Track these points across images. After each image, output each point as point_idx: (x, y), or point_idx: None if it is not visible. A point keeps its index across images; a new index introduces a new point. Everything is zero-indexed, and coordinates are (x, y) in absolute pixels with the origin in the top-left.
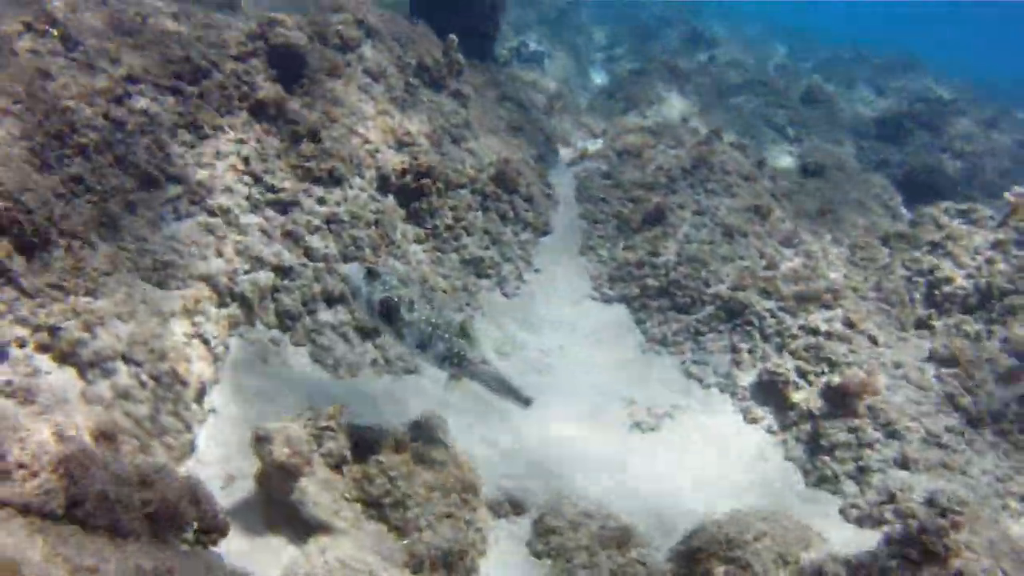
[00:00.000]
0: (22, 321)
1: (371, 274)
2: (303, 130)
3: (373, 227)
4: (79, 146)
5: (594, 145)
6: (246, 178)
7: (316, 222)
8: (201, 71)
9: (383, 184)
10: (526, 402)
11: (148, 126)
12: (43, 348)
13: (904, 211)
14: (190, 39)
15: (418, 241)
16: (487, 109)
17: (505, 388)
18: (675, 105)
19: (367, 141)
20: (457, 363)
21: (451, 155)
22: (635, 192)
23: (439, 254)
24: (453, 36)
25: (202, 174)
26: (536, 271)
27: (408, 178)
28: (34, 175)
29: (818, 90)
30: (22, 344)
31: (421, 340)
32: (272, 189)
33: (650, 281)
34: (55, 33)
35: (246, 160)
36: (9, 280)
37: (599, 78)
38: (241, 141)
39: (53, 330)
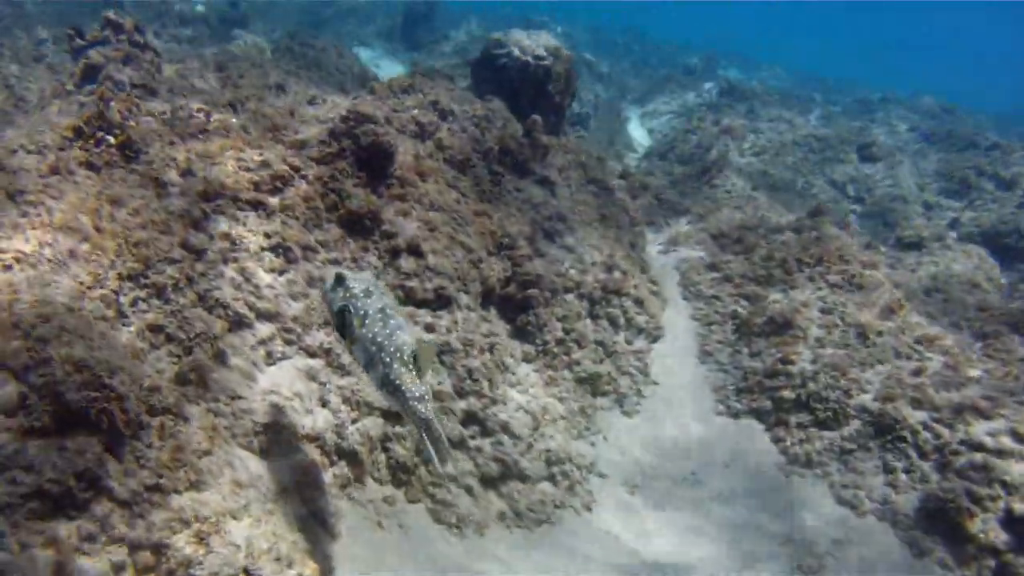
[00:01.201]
0: (119, 540)
1: (338, 281)
2: (403, 243)
3: (488, 353)
4: (157, 287)
5: (678, 225)
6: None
7: None
8: (283, 179)
9: (487, 297)
10: (444, 457)
11: (231, 252)
12: (147, 572)
13: (1004, 280)
14: (263, 137)
15: (527, 360)
16: (574, 195)
17: (431, 434)
18: (740, 170)
19: (469, 250)
20: (391, 392)
21: (551, 256)
22: (748, 288)
23: (551, 372)
24: (536, 117)
25: (296, 307)
26: (655, 384)
27: (512, 288)
28: (121, 340)
29: (874, 143)
30: (120, 569)
31: (367, 359)
32: None
33: (785, 393)
34: (112, 140)
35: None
36: (101, 491)
37: (637, 131)
38: (336, 262)
39: (159, 548)
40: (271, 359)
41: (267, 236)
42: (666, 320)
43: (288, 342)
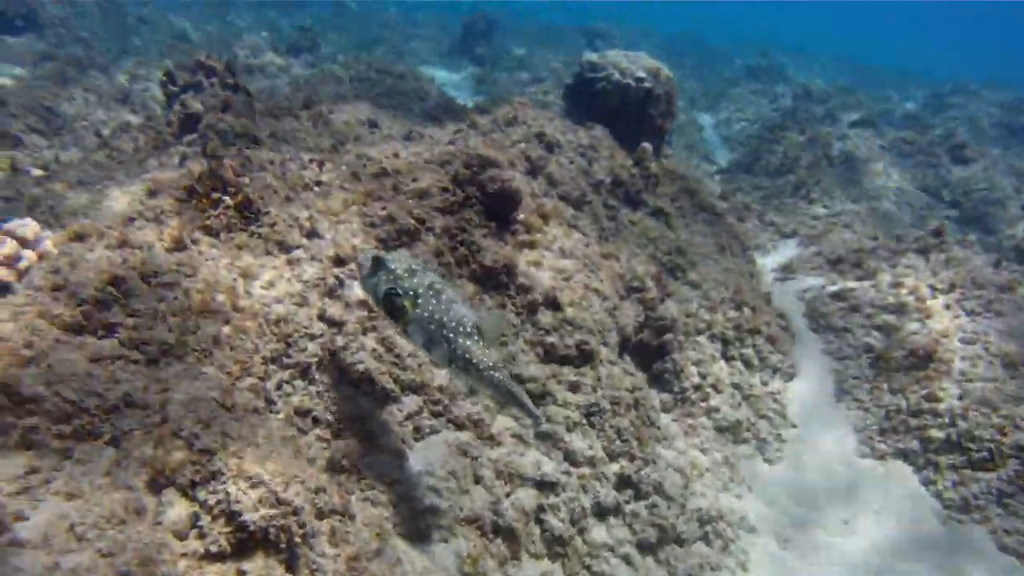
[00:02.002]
0: None
1: (376, 263)
2: (540, 296)
3: (634, 410)
4: (300, 366)
5: (787, 249)
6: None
7: (574, 416)
8: (409, 233)
9: (622, 345)
10: (536, 420)
11: (370, 320)
12: None
13: None
14: (385, 188)
15: (666, 410)
16: (689, 224)
17: (515, 401)
18: (834, 182)
19: (604, 297)
20: (463, 367)
21: (679, 295)
22: (880, 318)
23: (690, 421)
24: (647, 145)
25: (440, 375)
26: (793, 426)
27: (646, 334)
28: (274, 431)
29: (965, 145)
30: None
31: (426, 339)
32: (518, 380)
33: (933, 432)
34: (230, 201)
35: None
36: None
37: (714, 142)
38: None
39: None
40: (420, 434)
41: None
42: (797, 356)
43: (435, 414)
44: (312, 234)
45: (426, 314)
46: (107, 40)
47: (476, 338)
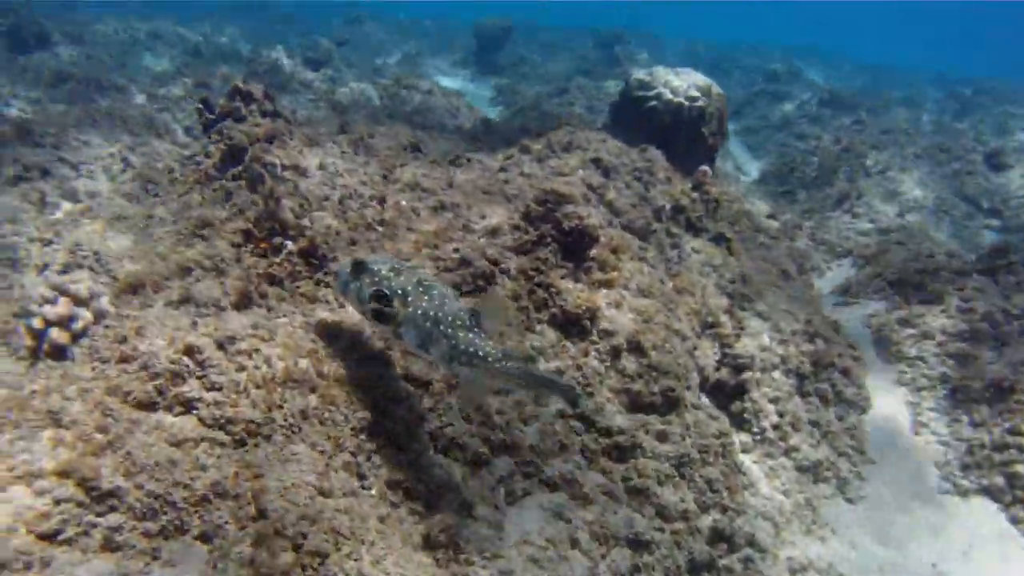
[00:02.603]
0: None
1: (357, 267)
2: (623, 341)
3: (722, 457)
4: (389, 435)
5: (841, 270)
6: (573, 423)
7: (666, 469)
8: (485, 277)
9: (701, 386)
10: (574, 399)
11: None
12: None
13: None
14: (454, 229)
15: (745, 451)
16: (750, 250)
17: (545, 383)
18: (876, 194)
19: (684, 337)
20: (467, 362)
21: (751, 328)
22: (953, 346)
23: (771, 463)
24: (706, 168)
25: (530, 432)
26: (872, 462)
27: (724, 372)
28: (369, 511)
29: (1001, 151)
30: None
31: (422, 338)
32: (607, 432)
33: (1020, 468)
34: (293, 247)
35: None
36: None
37: (738, 150)
38: (558, 372)
39: None
40: (513, 498)
41: None
42: (871, 388)
43: (527, 475)
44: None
45: (419, 312)
46: (121, 56)
47: (476, 331)
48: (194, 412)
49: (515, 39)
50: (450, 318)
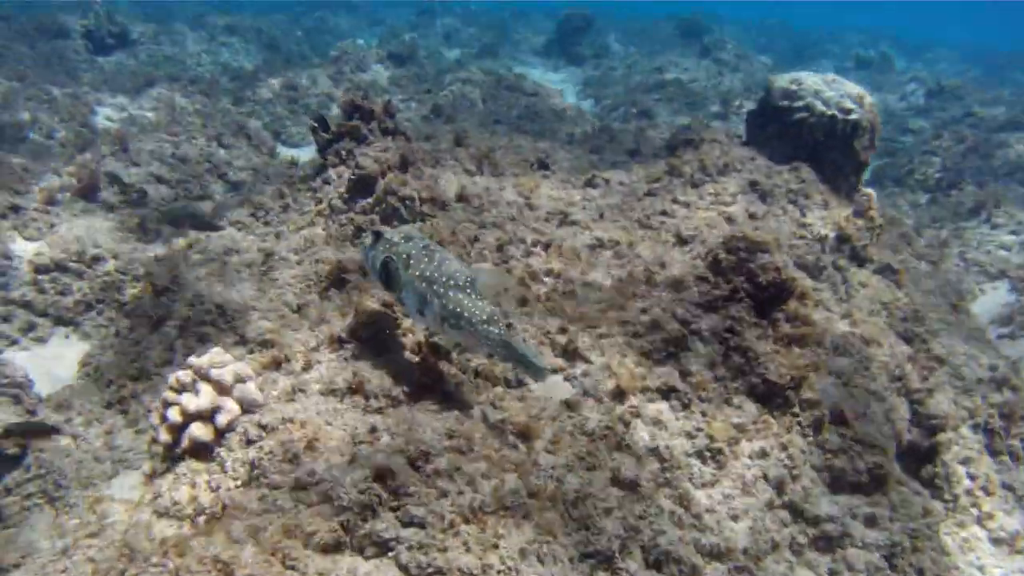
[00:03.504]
0: None
1: (376, 237)
2: (827, 412)
3: (929, 541)
4: (600, 553)
5: (996, 295)
6: (782, 513)
7: (874, 559)
8: (677, 342)
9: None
10: (539, 370)
11: (663, 473)
12: None
13: None
14: (634, 281)
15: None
16: (916, 283)
17: (513, 355)
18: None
19: (881, 399)
20: (454, 324)
21: (934, 379)
22: None
23: (963, 534)
24: (871, 191)
25: (740, 531)
26: None
27: (915, 434)
28: None
29: None
30: None
31: (418, 301)
32: (814, 521)
33: None
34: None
35: (779, 486)
36: None
37: None
38: (763, 454)
39: None
40: None
41: (689, 436)
42: None
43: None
44: (571, 354)
45: (417, 273)
46: (197, 55)
47: (469, 291)
48: (391, 555)
49: (596, 27)
50: (444, 278)
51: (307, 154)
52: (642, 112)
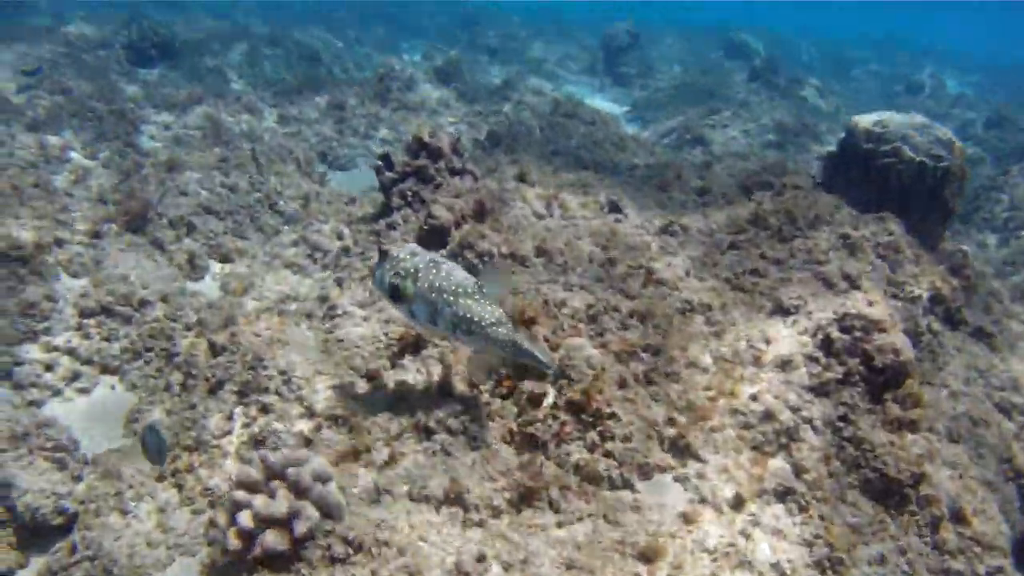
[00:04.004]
0: None
1: (382, 257)
2: (946, 509)
3: None
4: None
5: None
6: None
7: None
8: (788, 432)
9: None
10: (547, 367)
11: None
12: None
13: None
14: (741, 362)
15: None
16: (1011, 343)
17: (522, 352)
18: None
19: (993, 488)
20: (466, 330)
21: None
22: None
23: None
24: (965, 248)
25: None
26: None
27: None
28: None
29: None
30: None
31: (429, 312)
32: None
33: None
34: (555, 398)
35: None
36: None
37: None
38: (882, 560)
39: None
40: None
41: (809, 544)
42: None
43: None
44: (682, 450)
45: (426, 285)
46: (239, 67)
47: (477, 297)
48: None
49: (640, 44)
50: (453, 287)
51: (355, 178)
52: (696, 139)
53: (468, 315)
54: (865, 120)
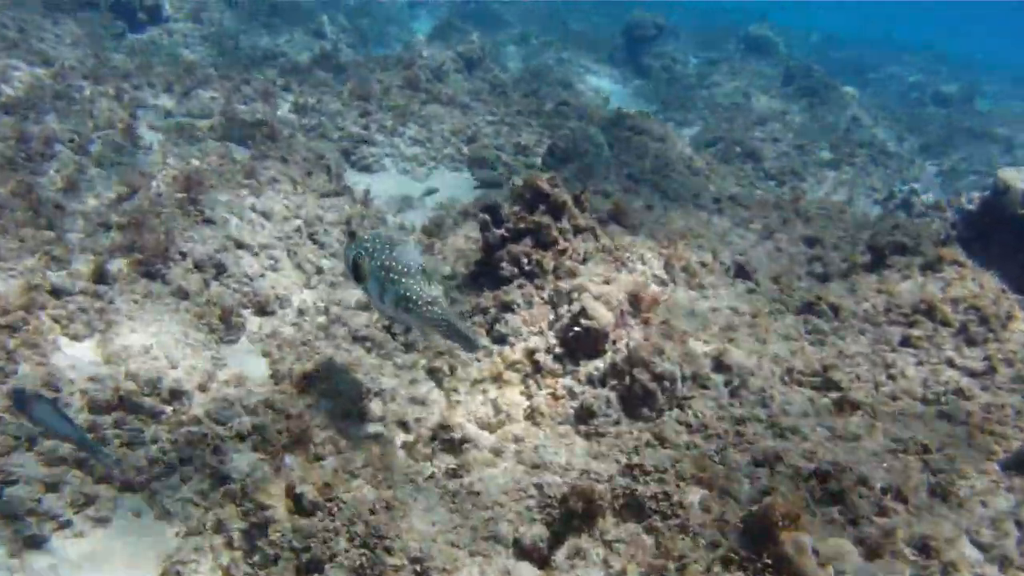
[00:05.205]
0: None
1: (351, 237)
2: None
3: None
4: None
5: None
6: None
7: None
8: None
9: None
10: (473, 346)
11: None
12: None
13: None
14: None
15: None
16: None
17: (452, 331)
18: None
19: None
20: (405, 307)
21: None
22: None
23: None
24: None
25: None
26: None
27: None
28: None
29: None
30: None
31: (379, 288)
32: None
33: None
34: None
35: None
36: None
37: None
38: None
39: None
40: None
41: None
42: None
43: None
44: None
45: (378, 264)
46: (236, 36)
47: (419, 278)
48: None
49: (664, 35)
50: (400, 266)
51: (382, 180)
52: (748, 153)
53: (408, 294)
54: (1017, 179)
